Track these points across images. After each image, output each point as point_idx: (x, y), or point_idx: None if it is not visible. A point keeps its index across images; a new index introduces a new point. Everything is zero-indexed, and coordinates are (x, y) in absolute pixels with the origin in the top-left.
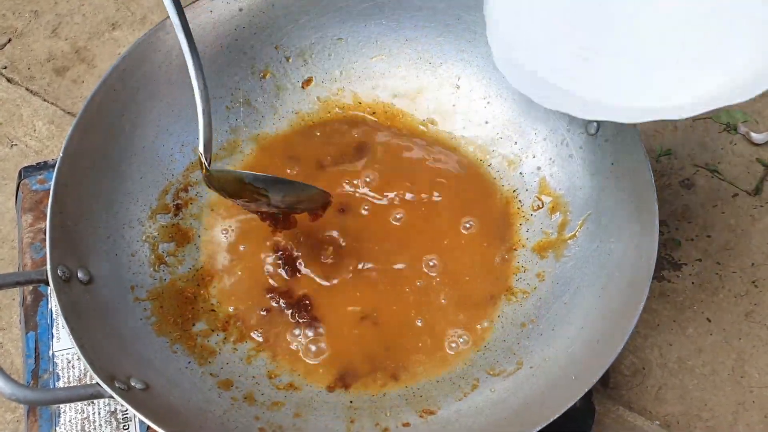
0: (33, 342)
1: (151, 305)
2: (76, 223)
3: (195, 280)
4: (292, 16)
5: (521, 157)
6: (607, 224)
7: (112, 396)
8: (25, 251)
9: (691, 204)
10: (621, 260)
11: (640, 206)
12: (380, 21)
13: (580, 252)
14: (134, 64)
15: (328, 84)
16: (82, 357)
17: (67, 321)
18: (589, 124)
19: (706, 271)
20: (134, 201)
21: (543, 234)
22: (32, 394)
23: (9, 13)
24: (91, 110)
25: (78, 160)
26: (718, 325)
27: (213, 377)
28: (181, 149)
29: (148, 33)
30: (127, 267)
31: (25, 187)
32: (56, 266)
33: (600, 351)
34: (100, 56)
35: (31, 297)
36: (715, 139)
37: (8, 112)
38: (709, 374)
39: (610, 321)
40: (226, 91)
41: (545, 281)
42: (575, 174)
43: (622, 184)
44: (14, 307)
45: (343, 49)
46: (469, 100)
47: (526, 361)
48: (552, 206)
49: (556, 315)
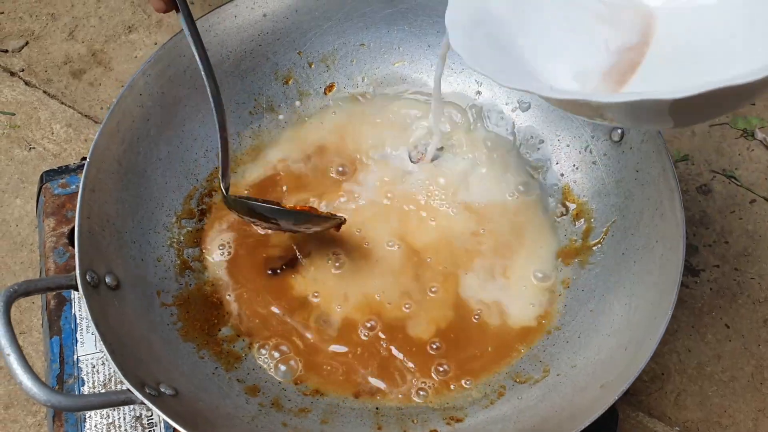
0: (57, 347)
1: (177, 311)
2: (103, 228)
3: (220, 285)
4: (315, 22)
5: (544, 163)
6: (633, 232)
7: (143, 402)
8: (47, 255)
9: (709, 210)
10: (647, 268)
11: (666, 214)
12: (403, 27)
13: (605, 259)
14: (160, 69)
15: (350, 90)
16: (112, 363)
17: (97, 326)
18: (613, 132)
19: (724, 277)
20: (159, 206)
21: (567, 240)
22: (66, 400)
23: (26, 15)
24: (117, 115)
25: (104, 166)
26: (737, 332)
27: (240, 383)
28: (206, 154)
29: (174, 37)
30: (153, 272)
31: (47, 191)
32: (85, 271)
33: (627, 359)
34: (117, 59)
35: (55, 302)
36: (732, 145)
37: (26, 114)
38: (728, 381)
39: (638, 329)
40: (249, 97)
41: (570, 288)
42: (599, 181)
43: (647, 192)
44: (34, 311)
45: (365, 55)
46: (490, 105)
47: (553, 369)
48: (576, 213)
49: (582, 322)
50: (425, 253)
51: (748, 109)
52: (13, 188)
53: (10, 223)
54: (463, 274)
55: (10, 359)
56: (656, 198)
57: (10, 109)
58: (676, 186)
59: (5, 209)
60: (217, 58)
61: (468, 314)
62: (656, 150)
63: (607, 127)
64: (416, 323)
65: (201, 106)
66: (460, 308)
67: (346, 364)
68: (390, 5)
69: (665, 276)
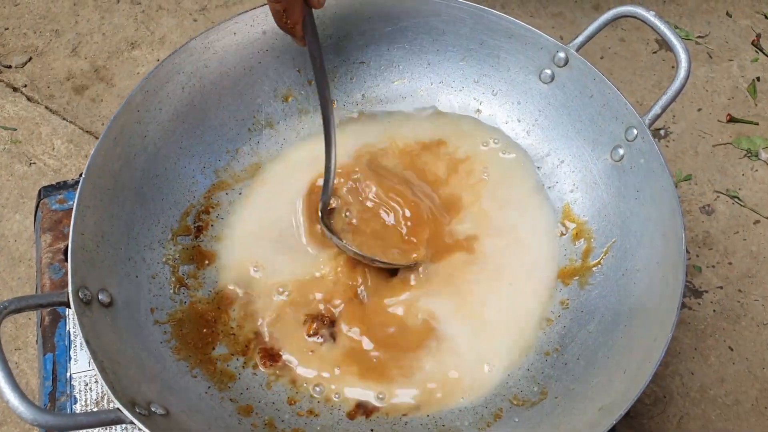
0: (51, 364)
1: (170, 328)
2: (98, 245)
3: (215, 302)
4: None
5: (544, 182)
6: (633, 252)
7: (133, 422)
8: (43, 272)
9: (712, 230)
10: (647, 289)
11: (667, 234)
12: (403, 45)
13: (605, 280)
14: (158, 85)
15: (349, 107)
16: (102, 381)
17: (88, 344)
18: (613, 151)
19: (728, 298)
20: (155, 223)
21: (567, 260)
22: (53, 418)
23: (30, 32)
24: (114, 131)
25: (100, 182)
26: (741, 354)
27: (233, 403)
28: (203, 171)
29: (173, 54)
30: (147, 289)
31: (45, 207)
32: (78, 289)
33: (627, 382)
34: (119, 75)
35: (49, 318)
36: (736, 165)
37: (27, 130)
38: (732, 404)
39: (637, 351)
40: (249, 114)
41: (569, 309)
42: (599, 201)
43: (647, 212)
44: (30, 327)
45: (365, 73)
46: (490, 124)
47: (551, 391)
48: (576, 233)
49: (581, 344)
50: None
51: (752, 129)
52: (12, 203)
53: (9, 238)
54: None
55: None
56: (657, 218)
57: (12, 124)
58: (678, 206)
59: (4, 224)
60: (216, 75)
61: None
62: (657, 170)
63: (608, 146)
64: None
65: (199, 124)
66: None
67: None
68: (390, 23)
69: (666, 297)
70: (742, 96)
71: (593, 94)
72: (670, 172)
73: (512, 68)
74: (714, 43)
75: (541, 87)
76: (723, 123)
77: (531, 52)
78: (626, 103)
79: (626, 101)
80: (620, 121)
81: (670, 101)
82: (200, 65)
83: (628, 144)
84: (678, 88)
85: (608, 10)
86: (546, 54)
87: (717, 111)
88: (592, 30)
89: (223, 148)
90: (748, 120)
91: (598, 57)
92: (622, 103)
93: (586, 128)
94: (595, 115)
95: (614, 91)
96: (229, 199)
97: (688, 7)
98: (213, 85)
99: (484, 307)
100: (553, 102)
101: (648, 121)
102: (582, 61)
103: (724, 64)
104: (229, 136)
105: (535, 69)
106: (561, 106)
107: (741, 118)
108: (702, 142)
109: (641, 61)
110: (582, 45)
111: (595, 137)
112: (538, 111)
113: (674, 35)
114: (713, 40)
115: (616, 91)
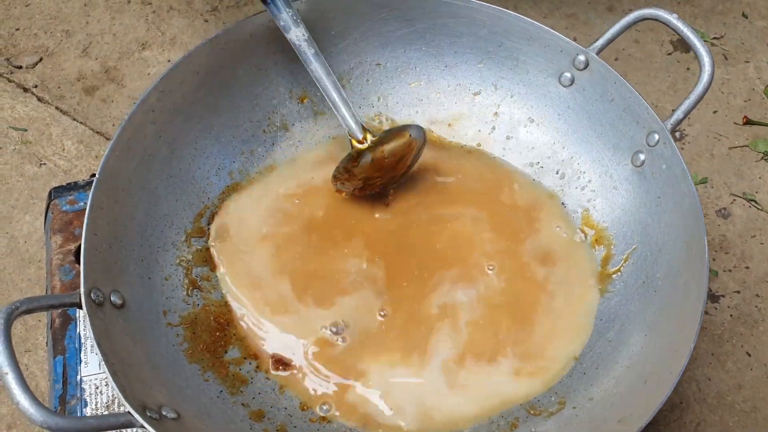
0: (61, 367)
1: (183, 331)
2: (110, 246)
3: (228, 305)
4: (331, 41)
5: (563, 187)
6: (654, 259)
7: (143, 426)
8: (54, 273)
9: (729, 234)
10: (668, 297)
11: (689, 242)
12: (420, 47)
13: (624, 287)
14: (172, 86)
15: (365, 109)
16: (113, 384)
17: (99, 346)
18: (634, 156)
19: (745, 303)
20: (169, 224)
21: None
22: (63, 421)
23: (41, 32)
24: (128, 132)
25: (114, 183)
26: (759, 360)
27: (245, 407)
28: (218, 172)
29: (187, 54)
30: (160, 291)
31: (55, 208)
32: (90, 290)
33: (647, 393)
34: (130, 76)
35: (60, 320)
36: (752, 168)
37: (38, 131)
38: (750, 411)
39: (658, 361)
40: (264, 115)
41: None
42: (620, 207)
43: (669, 219)
44: (40, 329)
45: (381, 75)
46: (508, 127)
47: (569, 401)
48: (595, 239)
49: (600, 353)
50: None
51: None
52: (23, 204)
53: (19, 239)
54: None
55: (7, 378)
56: (679, 226)
57: (23, 125)
58: (700, 214)
59: (14, 225)
60: (231, 76)
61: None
62: (680, 176)
63: (628, 151)
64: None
65: (214, 124)
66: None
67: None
68: (407, 25)
69: (687, 307)
70: (758, 98)
71: (614, 97)
72: (691, 179)
73: (531, 71)
74: (730, 45)
75: (561, 90)
76: (739, 125)
77: (551, 55)
78: (648, 108)
79: (647, 105)
80: (641, 126)
81: (693, 106)
82: (215, 66)
83: (650, 149)
84: (701, 92)
85: (628, 13)
86: (566, 57)
87: (733, 113)
88: (612, 33)
89: (238, 149)
90: (765, 122)
91: (612, 59)
92: (644, 108)
93: (607, 132)
94: (615, 120)
95: (635, 95)
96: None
97: (703, 8)
98: (228, 86)
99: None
100: (573, 105)
101: (670, 126)
102: (602, 65)
103: (740, 66)
104: (243, 138)
105: (554, 72)
106: (581, 109)
107: (758, 121)
108: (718, 145)
109: (656, 62)
110: (603, 48)
111: (616, 142)
112: (557, 114)
113: (697, 39)
114: (729, 42)
115: (638, 95)
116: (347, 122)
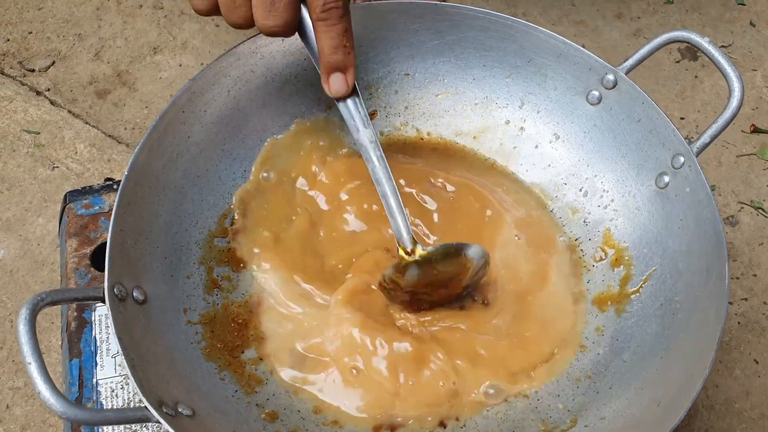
0: (77, 369)
1: (202, 329)
2: (135, 242)
3: (248, 306)
4: (360, 49)
5: (585, 205)
6: (674, 282)
7: (159, 421)
8: (69, 276)
9: (736, 242)
10: (686, 321)
11: (710, 266)
12: (449, 59)
13: (642, 309)
14: (203, 87)
15: (392, 118)
16: (132, 378)
17: (120, 341)
18: (658, 178)
19: (753, 310)
20: (194, 223)
21: (605, 286)
22: (82, 413)
23: (54, 36)
24: (159, 130)
25: (142, 180)
26: (767, 367)
27: (259, 408)
28: (244, 174)
29: (220, 57)
30: (181, 289)
31: (71, 212)
32: (113, 284)
33: (660, 415)
34: (141, 80)
35: (75, 324)
36: (760, 176)
37: (50, 134)
38: (758, 418)
39: (673, 384)
40: (291, 119)
41: (604, 336)
42: (641, 227)
43: (690, 243)
44: (53, 331)
45: (409, 85)
46: (533, 143)
47: (581, 419)
48: (615, 259)
49: (615, 373)
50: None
51: None
52: (36, 207)
53: (32, 241)
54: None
55: (31, 368)
56: (700, 251)
57: (35, 128)
58: (723, 240)
59: (28, 228)
60: (262, 80)
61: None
62: (704, 200)
63: (653, 172)
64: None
65: (242, 127)
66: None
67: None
68: (438, 37)
69: (705, 332)
70: (766, 106)
71: (641, 118)
72: (715, 203)
73: (559, 87)
74: (737, 53)
75: (588, 108)
76: (747, 133)
77: (579, 73)
78: (674, 130)
79: (674, 127)
80: (667, 148)
81: (720, 130)
82: (246, 70)
83: (674, 171)
84: (729, 118)
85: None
86: (594, 75)
87: (741, 121)
88: (642, 54)
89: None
90: None
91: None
92: (670, 130)
93: (632, 152)
94: (641, 140)
95: (662, 116)
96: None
97: (711, 17)
98: (258, 89)
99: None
100: (599, 124)
101: (696, 149)
102: (631, 85)
103: (748, 74)
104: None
105: (582, 90)
106: (607, 128)
107: (765, 129)
108: (726, 153)
109: (664, 71)
110: (632, 68)
111: (641, 162)
112: (584, 132)
113: (729, 63)
114: (736, 50)
115: (665, 117)
116: (399, 231)
